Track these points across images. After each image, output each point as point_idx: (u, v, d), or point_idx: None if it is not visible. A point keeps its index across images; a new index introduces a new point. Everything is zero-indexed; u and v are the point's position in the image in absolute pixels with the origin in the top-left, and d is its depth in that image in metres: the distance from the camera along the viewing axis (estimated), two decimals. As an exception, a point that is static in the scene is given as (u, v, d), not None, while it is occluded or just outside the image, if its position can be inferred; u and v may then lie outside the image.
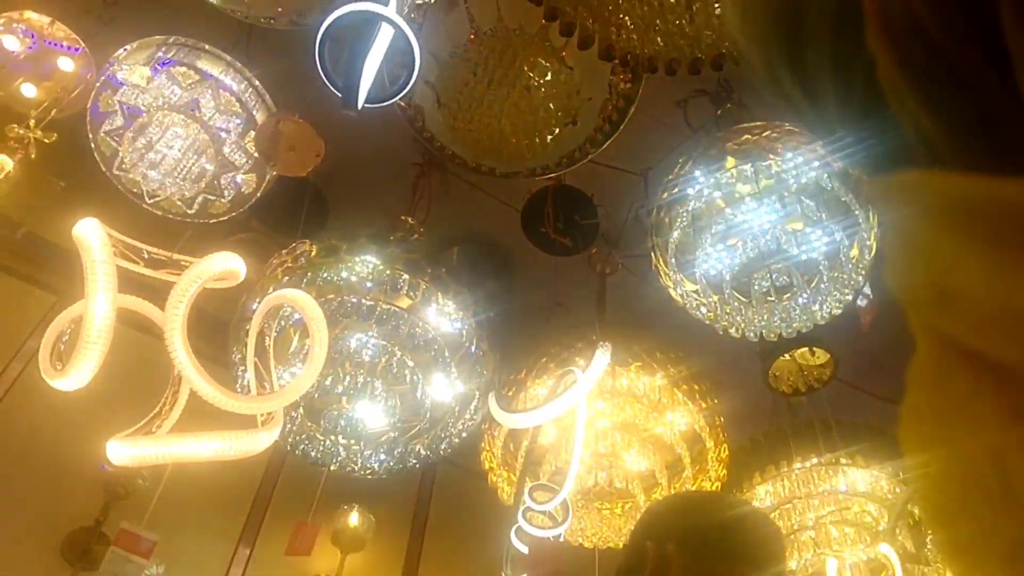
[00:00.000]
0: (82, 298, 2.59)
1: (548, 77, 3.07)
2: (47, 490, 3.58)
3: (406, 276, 3.06)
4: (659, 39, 2.25)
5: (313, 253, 3.09)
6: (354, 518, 3.97)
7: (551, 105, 3.05)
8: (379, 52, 2.01)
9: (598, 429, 3.26)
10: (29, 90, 3.31)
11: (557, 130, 3.14)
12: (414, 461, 3.27)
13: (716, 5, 2.08)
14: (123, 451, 2.47)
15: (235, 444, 2.48)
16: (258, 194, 3.50)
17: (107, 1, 3.55)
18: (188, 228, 3.42)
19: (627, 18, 2.22)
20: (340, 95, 1.99)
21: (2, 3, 3.59)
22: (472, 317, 3.16)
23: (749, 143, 2.91)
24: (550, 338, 3.55)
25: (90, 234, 2.35)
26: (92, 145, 3.28)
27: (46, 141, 3.23)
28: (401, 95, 2.14)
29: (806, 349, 3.40)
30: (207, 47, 3.29)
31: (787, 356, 3.40)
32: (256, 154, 3.38)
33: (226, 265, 2.47)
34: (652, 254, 3.12)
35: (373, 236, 3.13)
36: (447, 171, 3.79)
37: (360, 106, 2.02)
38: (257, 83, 3.34)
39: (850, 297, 3.01)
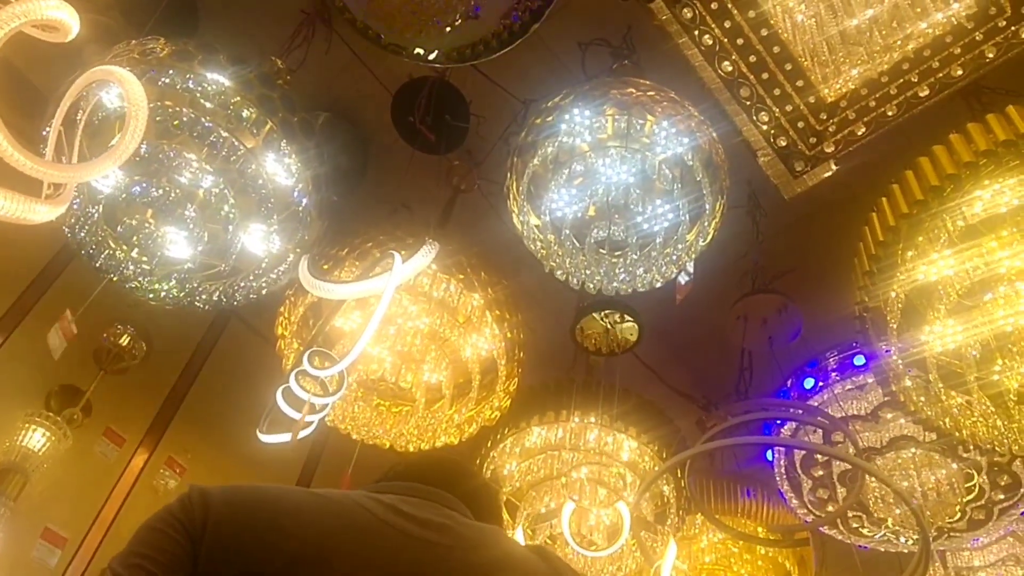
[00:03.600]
0: None
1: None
2: None
3: (254, 110, 2.87)
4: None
5: (164, 53, 2.84)
6: (124, 339, 3.72)
7: (458, -11, 2.95)
8: None
9: (403, 328, 3.21)
10: None
11: (458, 19, 3.05)
12: (204, 302, 3.10)
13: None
14: None
15: (4, 204, 2.22)
16: (123, -24, 3.19)
17: None
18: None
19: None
20: None
21: None
22: (310, 177, 3.01)
23: (631, 97, 2.93)
24: (383, 231, 3.45)
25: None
26: None
27: None
28: None
29: (618, 314, 3.49)
30: None
31: (598, 315, 3.47)
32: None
33: (55, 13, 2.19)
34: (508, 174, 3.09)
35: (234, 59, 2.91)
36: (332, 30, 3.59)
37: None
38: None
39: (673, 274, 3.12)
